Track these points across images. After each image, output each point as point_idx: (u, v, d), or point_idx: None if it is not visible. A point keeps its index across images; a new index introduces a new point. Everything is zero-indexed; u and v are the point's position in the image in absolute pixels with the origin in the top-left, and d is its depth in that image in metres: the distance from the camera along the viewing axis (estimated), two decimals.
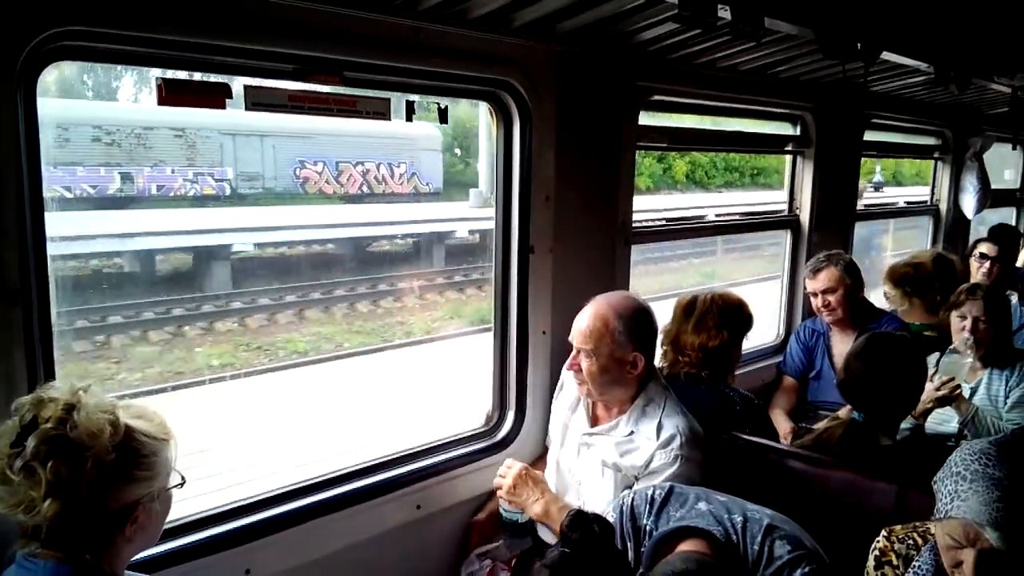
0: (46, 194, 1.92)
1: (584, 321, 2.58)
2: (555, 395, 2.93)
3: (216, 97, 2.11)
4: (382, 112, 2.50)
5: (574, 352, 2.60)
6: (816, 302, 4.01)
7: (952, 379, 3.25)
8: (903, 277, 4.26)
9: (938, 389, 3.22)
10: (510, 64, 2.77)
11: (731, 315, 3.07)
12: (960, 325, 3.49)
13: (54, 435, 1.51)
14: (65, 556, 1.56)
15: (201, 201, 13.39)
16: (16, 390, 1.78)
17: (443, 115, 2.69)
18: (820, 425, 3.22)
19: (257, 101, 2.22)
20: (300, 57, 2.28)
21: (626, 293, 2.71)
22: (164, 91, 2.01)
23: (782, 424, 3.82)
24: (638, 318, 2.59)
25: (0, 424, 1.57)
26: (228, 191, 13.83)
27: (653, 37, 3.00)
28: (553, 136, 2.95)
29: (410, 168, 15.74)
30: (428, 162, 15.48)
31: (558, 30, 2.78)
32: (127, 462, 1.59)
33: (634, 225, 3.44)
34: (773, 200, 5.64)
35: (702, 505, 2.06)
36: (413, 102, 2.60)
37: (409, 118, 2.59)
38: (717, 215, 5.78)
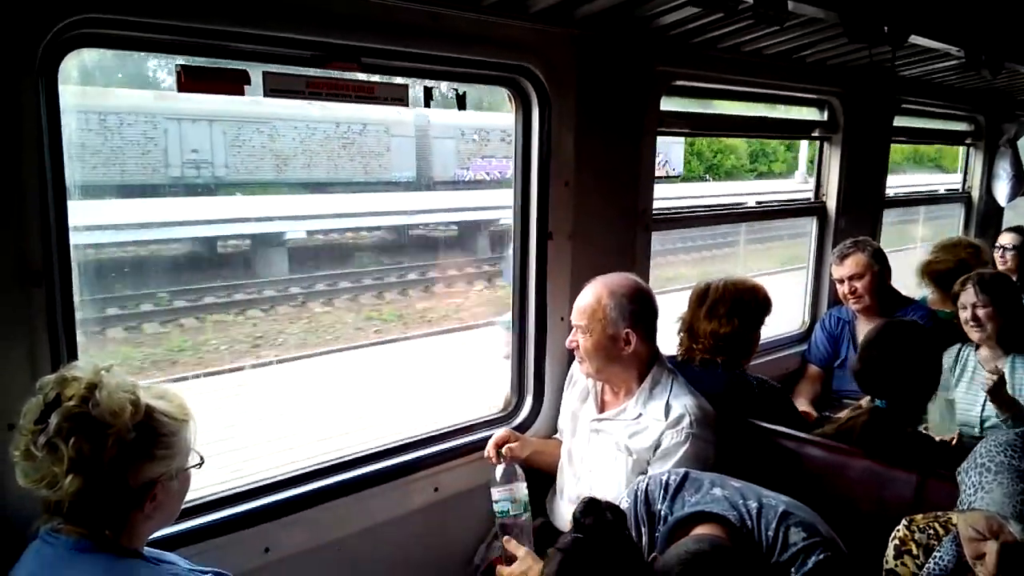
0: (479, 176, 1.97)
1: (580, 299, 2.67)
2: (565, 386, 2.95)
3: (235, 84, 2.14)
4: (400, 98, 2.51)
5: (573, 330, 2.67)
6: (843, 289, 3.93)
7: None
8: (940, 272, 4.21)
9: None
10: (528, 49, 2.76)
11: (743, 302, 3.03)
12: (964, 317, 3.42)
13: (77, 413, 1.55)
14: (87, 532, 1.61)
15: None
16: (40, 370, 1.83)
17: (461, 101, 2.68)
18: (842, 414, 3.18)
19: (275, 88, 2.24)
20: (318, 44, 2.29)
21: (626, 274, 2.72)
22: (183, 77, 2.04)
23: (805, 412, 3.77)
24: (632, 296, 2.62)
25: (25, 402, 1.61)
26: None
27: (674, 21, 2.96)
28: (572, 122, 2.93)
29: (664, 157, 19.14)
30: (676, 152, 18.86)
31: (577, 15, 2.76)
32: (147, 441, 1.63)
33: (654, 212, 3.42)
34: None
35: (717, 491, 2.06)
36: (431, 88, 2.60)
37: (427, 104, 2.59)
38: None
